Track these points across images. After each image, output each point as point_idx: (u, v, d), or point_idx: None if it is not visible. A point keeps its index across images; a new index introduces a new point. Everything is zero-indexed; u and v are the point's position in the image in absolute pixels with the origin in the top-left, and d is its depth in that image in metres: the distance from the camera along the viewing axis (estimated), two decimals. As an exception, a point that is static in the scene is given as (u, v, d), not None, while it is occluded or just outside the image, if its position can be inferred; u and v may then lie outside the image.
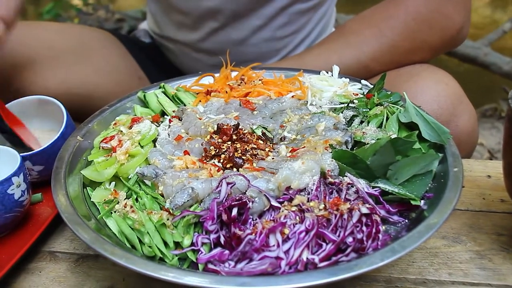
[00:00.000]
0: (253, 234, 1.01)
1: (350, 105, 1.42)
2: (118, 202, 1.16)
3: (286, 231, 1.02)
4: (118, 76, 2.15)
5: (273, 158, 1.24)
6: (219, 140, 1.29)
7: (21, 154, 1.30)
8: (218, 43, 2.13)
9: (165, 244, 1.07)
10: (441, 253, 1.22)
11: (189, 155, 1.28)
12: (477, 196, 1.41)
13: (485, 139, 3.69)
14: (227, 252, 1.02)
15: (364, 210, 1.04)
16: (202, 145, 1.29)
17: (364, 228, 1.03)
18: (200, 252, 1.04)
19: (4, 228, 1.28)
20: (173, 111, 1.52)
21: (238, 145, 1.26)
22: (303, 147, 1.24)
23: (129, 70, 2.23)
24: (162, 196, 1.18)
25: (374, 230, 1.03)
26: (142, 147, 1.33)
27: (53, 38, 2.00)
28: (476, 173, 1.52)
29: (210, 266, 1.01)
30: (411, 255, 1.21)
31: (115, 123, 1.45)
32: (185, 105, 1.56)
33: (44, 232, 1.30)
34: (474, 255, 1.21)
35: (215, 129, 1.33)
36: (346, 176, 1.14)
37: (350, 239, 1.01)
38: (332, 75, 1.60)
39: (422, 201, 1.10)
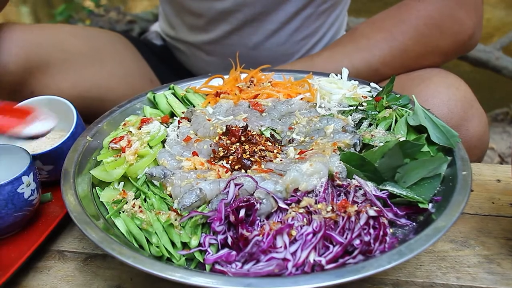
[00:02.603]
0: (261, 236, 1.01)
1: (359, 107, 1.42)
2: (127, 202, 1.17)
3: (294, 232, 1.02)
4: (130, 79, 2.16)
5: (281, 160, 1.24)
6: (228, 142, 1.29)
7: (31, 153, 1.31)
8: (231, 47, 2.14)
9: (173, 244, 1.08)
10: (449, 257, 1.21)
11: (198, 156, 1.29)
12: (486, 200, 1.41)
13: (496, 143, 3.66)
14: (234, 253, 1.02)
15: (372, 212, 1.04)
16: (210, 146, 1.30)
17: (371, 230, 1.03)
18: (207, 253, 1.04)
19: (14, 227, 1.29)
20: (182, 112, 1.52)
21: (247, 147, 1.26)
22: (311, 149, 1.24)
23: (141, 73, 2.24)
24: (170, 196, 1.18)
25: (381, 233, 1.02)
26: (151, 147, 1.33)
27: (66, 41, 2.02)
28: (486, 177, 1.51)
29: (217, 266, 1.01)
30: (419, 259, 1.20)
31: (124, 124, 1.46)
32: (194, 106, 1.57)
33: (53, 231, 1.31)
34: (482, 259, 1.21)
35: (224, 130, 1.33)
36: (354, 179, 1.14)
37: (357, 242, 1.01)
38: (341, 78, 1.60)
39: (430, 204, 1.10)
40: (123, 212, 1.15)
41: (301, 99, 1.53)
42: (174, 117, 1.54)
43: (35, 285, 1.19)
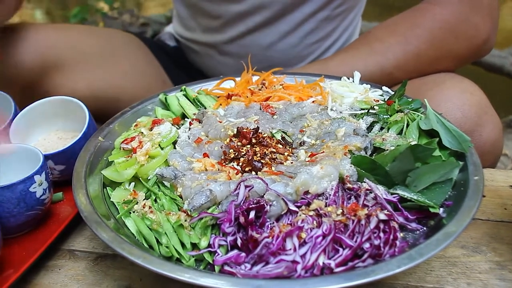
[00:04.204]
0: (270, 238, 1.01)
1: (370, 111, 1.42)
2: (137, 202, 1.17)
3: (303, 235, 1.02)
4: (144, 80, 2.18)
5: (292, 163, 1.24)
6: (239, 144, 1.29)
7: (43, 153, 1.32)
8: (245, 47, 2.14)
9: (182, 245, 1.08)
10: (460, 263, 1.20)
11: (209, 157, 1.29)
12: (499, 206, 1.39)
13: (510, 149, 3.63)
14: (243, 254, 1.02)
15: (382, 216, 1.03)
16: (221, 148, 1.30)
17: (381, 234, 1.02)
18: (216, 254, 1.04)
19: (25, 226, 1.30)
20: (194, 114, 1.53)
21: (257, 149, 1.26)
22: (322, 152, 1.24)
23: (154, 74, 2.25)
24: (181, 197, 1.19)
25: (391, 237, 1.02)
26: (162, 148, 1.34)
27: (80, 40, 2.04)
28: (498, 183, 1.50)
29: (226, 268, 1.01)
30: (429, 264, 1.19)
31: (136, 125, 1.47)
32: (205, 108, 1.57)
33: (64, 231, 1.32)
34: (494, 266, 1.19)
35: (235, 132, 1.33)
36: (365, 182, 1.13)
37: (367, 245, 1.01)
38: (353, 81, 1.60)
39: (441, 209, 1.09)
40: (134, 212, 1.16)
41: (313, 102, 1.53)
42: (186, 119, 1.55)
43: (45, 284, 1.20)
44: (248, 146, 1.28)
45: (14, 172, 1.33)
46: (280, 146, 1.31)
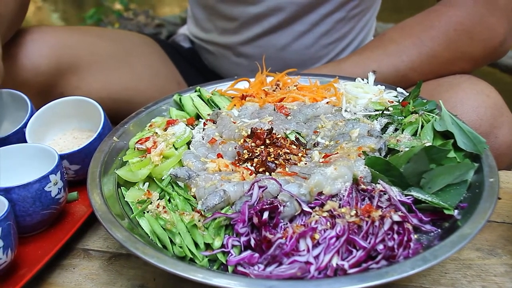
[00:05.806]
0: (284, 238, 1.01)
1: (385, 112, 1.41)
2: (151, 202, 1.18)
3: (317, 236, 1.02)
4: (158, 82, 2.19)
5: (305, 163, 1.24)
6: (253, 144, 1.29)
7: (59, 153, 1.33)
8: (260, 48, 2.15)
9: (196, 245, 1.08)
10: (475, 265, 1.19)
11: (222, 158, 1.29)
12: (514, 209, 1.38)
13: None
14: (257, 255, 1.02)
15: (396, 218, 1.03)
16: (235, 148, 1.30)
17: (395, 236, 1.02)
18: (230, 254, 1.04)
19: (41, 225, 1.31)
20: (208, 115, 1.53)
21: (271, 150, 1.26)
22: (336, 153, 1.24)
23: (168, 76, 2.26)
24: (194, 197, 1.19)
25: (405, 238, 1.01)
26: (176, 149, 1.34)
27: (95, 43, 2.05)
28: (514, 185, 1.49)
29: (240, 268, 1.01)
30: (444, 266, 1.19)
31: (150, 125, 1.47)
32: (220, 108, 1.57)
33: (78, 230, 1.33)
34: (509, 269, 1.18)
35: (249, 133, 1.33)
36: (379, 183, 1.13)
37: (381, 247, 1.00)
38: (367, 82, 1.59)
39: (456, 211, 1.09)
40: (148, 212, 1.16)
41: (327, 103, 1.52)
42: (200, 119, 1.55)
43: (60, 282, 1.21)
44: (262, 146, 1.28)
45: (29, 172, 1.34)
46: (294, 147, 1.31)
